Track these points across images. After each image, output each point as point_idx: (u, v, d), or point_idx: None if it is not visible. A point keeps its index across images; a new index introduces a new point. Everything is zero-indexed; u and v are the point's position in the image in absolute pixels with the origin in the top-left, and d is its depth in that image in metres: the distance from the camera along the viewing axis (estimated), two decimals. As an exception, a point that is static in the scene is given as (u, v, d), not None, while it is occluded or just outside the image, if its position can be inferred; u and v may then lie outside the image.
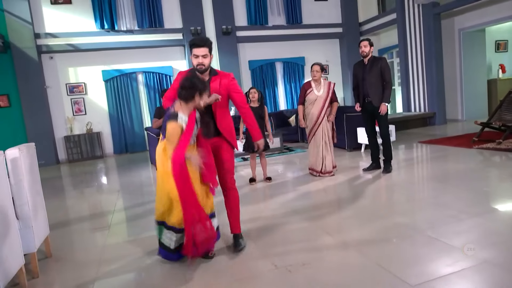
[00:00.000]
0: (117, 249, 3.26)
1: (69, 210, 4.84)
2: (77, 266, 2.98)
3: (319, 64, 4.99)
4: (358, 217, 3.45)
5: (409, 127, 9.50)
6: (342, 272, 2.44)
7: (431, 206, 3.57)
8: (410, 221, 3.24)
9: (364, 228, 3.17)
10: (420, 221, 3.22)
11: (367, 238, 2.96)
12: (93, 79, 9.82)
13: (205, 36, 2.82)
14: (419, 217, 3.36)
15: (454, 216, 3.21)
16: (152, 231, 3.33)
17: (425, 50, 9.54)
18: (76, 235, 3.84)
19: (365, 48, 4.91)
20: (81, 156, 9.57)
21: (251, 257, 2.79)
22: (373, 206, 3.75)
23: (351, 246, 2.80)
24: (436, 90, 9.47)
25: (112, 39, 9.64)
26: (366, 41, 4.92)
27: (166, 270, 2.71)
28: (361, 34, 11.98)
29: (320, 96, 4.93)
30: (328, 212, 3.68)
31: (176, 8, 10.20)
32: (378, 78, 4.90)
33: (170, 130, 2.49)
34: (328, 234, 3.08)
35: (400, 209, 3.60)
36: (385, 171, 5.00)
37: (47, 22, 9.26)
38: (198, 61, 2.70)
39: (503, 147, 5.70)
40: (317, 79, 4.97)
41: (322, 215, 3.59)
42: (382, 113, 4.87)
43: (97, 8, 9.44)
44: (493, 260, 2.38)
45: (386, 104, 4.88)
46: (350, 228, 3.20)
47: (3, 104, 9.09)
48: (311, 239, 3.03)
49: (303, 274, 2.43)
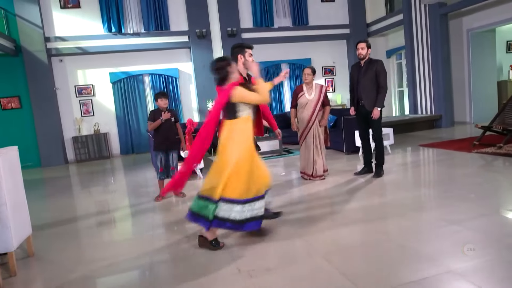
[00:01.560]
0: (102, 249, 3.35)
1: (66, 210, 4.98)
2: (57, 265, 3.08)
3: (310, 68, 4.98)
4: (334, 222, 3.43)
5: (415, 130, 9.34)
6: (306, 280, 2.44)
7: (411, 212, 3.52)
8: (384, 227, 3.21)
9: (337, 233, 3.16)
10: (396, 228, 3.19)
11: (338, 244, 2.95)
12: (101, 81, 10.06)
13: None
14: (395, 223, 3.31)
15: (432, 223, 3.16)
16: (150, 230, 3.42)
17: (432, 51, 9.36)
18: (66, 234, 3.94)
19: (362, 50, 4.84)
20: (88, 157, 9.82)
21: (216, 259, 2.82)
22: (351, 211, 3.72)
23: (319, 253, 2.80)
24: (443, 92, 9.27)
25: (119, 42, 9.85)
26: (363, 43, 4.85)
27: (156, 271, 2.78)
28: (369, 35, 11.85)
29: (311, 99, 4.92)
30: (306, 217, 3.66)
31: (182, 11, 10.33)
32: (372, 81, 4.83)
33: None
34: (300, 239, 3.08)
35: (379, 215, 3.56)
36: (376, 176, 4.94)
37: (57, 26, 9.55)
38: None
39: (502, 152, 5.55)
40: (308, 83, 4.97)
41: (299, 219, 3.59)
42: (374, 117, 4.80)
43: (105, 11, 9.67)
44: (457, 270, 2.34)
45: (379, 109, 4.79)
46: (323, 233, 3.18)
47: (14, 106, 9.42)
48: (283, 244, 3.04)
49: (262, 280, 2.45)
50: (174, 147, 4.82)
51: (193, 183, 5.80)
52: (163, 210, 4.43)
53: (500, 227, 2.98)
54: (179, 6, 10.31)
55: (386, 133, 6.56)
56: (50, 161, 9.49)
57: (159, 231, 3.76)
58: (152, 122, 4.60)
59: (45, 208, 5.18)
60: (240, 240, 3.18)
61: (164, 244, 3.30)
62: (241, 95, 2.94)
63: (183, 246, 3.18)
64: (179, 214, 4.12)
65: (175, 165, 4.84)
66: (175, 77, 10.52)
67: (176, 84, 10.55)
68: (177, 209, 4.43)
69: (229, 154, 2.92)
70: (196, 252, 3.01)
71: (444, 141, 7.24)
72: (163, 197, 4.85)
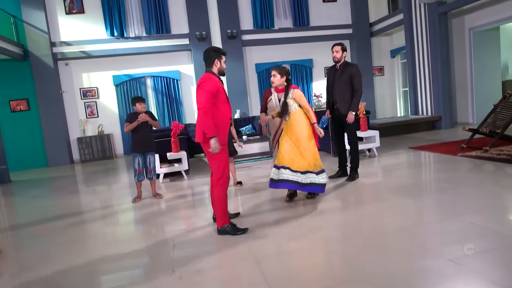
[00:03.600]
0: (70, 249, 3.54)
1: (50, 209, 5.22)
2: (18, 262, 3.28)
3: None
4: (288, 226, 3.48)
5: (413, 131, 9.19)
6: (228, 283, 2.53)
7: (366, 218, 3.52)
8: (331, 233, 3.25)
9: (279, 239, 3.22)
10: (338, 233, 3.22)
11: (273, 250, 3.01)
12: (104, 83, 10.40)
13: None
14: (341, 228, 3.34)
15: (377, 227, 3.17)
16: (120, 229, 3.58)
17: (431, 51, 9.16)
18: (40, 233, 4.15)
19: (337, 53, 4.85)
20: (92, 157, 10.18)
21: (153, 258, 2.94)
22: (305, 217, 3.74)
23: (252, 257, 2.87)
24: (442, 93, 9.07)
25: (121, 46, 10.16)
26: (338, 46, 4.86)
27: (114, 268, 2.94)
28: (372, 35, 11.71)
29: (281, 103, 4.95)
30: (258, 220, 3.72)
31: (183, 14, 10.53)
32: (347, 85, 4.83)
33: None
34: (243, 243, 3.15)
35: (336, 221, 3.58)
36: (349, 179, 4.94)
37: (62, 31, 9.94)
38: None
39: (486, 155, 5.41)
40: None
41: (252, 221, 3.65)
42: (349, 121, 4.80)
43: (108, 16, 9.99)
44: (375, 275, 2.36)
45: (353, 113, 4.78)
46: (264, 239, 3.24)
47: (23, 108, 9.88)
48: (221, 247, 3.13)
49: (190, 281, 2.55)
50: (151, 149, 4.98)
51: (176, 184, 5.97)
52: (137, 210, 4.59)
53: (437, 236, 2.96)
54: (179, 9, 10.51)
55: (372, 135, 6.53)
56: (56, 161, 9.90)
57: (126, 230, 3.92)
58: (129, 124, 4.76)
59: (32, 208, 5.45)
60: (187, 241, 3.29)
61: (118, 245, 3.45)
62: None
63: (133, 246, 3.32)
64: (153, 214, 4.27)
65: (152, 167, 5.00)
66: (177, 79, 10.74)
67: (177, 86, 10.77)
68: (152, 210, 4.58)
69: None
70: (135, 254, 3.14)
71: (435, 144, 7.11)
72: (141, 198, 5.02)
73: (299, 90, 4.06)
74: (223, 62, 3.45)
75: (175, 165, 6.30)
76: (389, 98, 12.39)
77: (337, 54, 4.83)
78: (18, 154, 9.83)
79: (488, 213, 3.27)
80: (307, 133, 4.02)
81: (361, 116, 6.54)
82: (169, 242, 3.33)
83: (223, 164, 3.36)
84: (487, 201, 3.60)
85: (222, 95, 3.35)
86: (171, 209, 4.57)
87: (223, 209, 3.36)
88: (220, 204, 3.35)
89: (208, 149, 3.31)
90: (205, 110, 3.19)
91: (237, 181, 5.37)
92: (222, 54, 3.46)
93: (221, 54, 3.45)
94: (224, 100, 3.37)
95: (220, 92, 3.32)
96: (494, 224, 3.00)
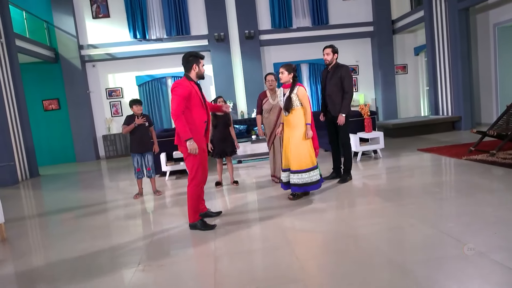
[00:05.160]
0: (60, 241, 3.88)
1: (65, 201, 5.66)
2: (20, 249, 3.64)
3: (273, 74, 5.09)
4: (261, 226, 3.59)
5: (431, 132, 8.89)
6: (179, 278, 2.70)
7: (339, 221, 3.56)
8: (298, 235, 3.32)
9: (249, 237, 3.34)
10: (304, 235, 3.29)
11: (235, 248, 3.14)
12: (128, 84, 10.93)
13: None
14: (310, 231, 3.40)
15: (346, 230, 3.21)
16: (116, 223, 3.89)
17: (451, 49, 8.80)
18: (46, 224, 4.55)
19: (327, 56, 4.89)
20: (116, 153, 10.75)
21: (126, 252, 3.17)
22: (284, 216, 3.82)
23: (217, 253, 3.02)
24: (462, 92, 8.70)
25: (144, 48, 10.63)
26: (328, 48, 4.88)
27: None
28: (395, 32, 11.41)
29: (275, 105, 5.04)
30: (237, 218, 3.86)
31: (202, 15, 10.81)
32: (337, 87, 4.84)
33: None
34: (212, 241, 3.31)
35: (309, 223, 3.64)
36: (341, 181, 4.94)
37: (89, 35, 10.56)
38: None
39: (490, 159, 5.20)
40: (272, 89, 5.09)
41: (229, 223, 3.80)
42: (339, 123, 4.81)
43: (131, 19, 10.48)
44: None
45: (344, 115, 4.78)
46: (236, 235, 3.38)
47: (54, 107, 10.63)
48: (192, 244, 3.30)
49: (150, 274, 2.75)
50: (148, 149, 5.26)
51: (180, 182, 6.23)
52: (133, 205, 4.88)
53: (398, 242, 2.95)
54: (199, 11, 10.80)
55: (375, 137, 6.44)
56: (83, 157, 10.57)
57: (115, 224, 4.21)
58: (127, 126, 5.06)
59: (48, 200, 5.93)
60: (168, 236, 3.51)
61: (112, 238, 3.73)
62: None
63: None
64: (147, 211, 4.54)
65: (150, 166, 5.28)
66: (196, 79, 11.04)
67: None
68: (148, 206, 4.86)
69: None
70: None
71: (446, 146, 6.87)
72: (142, 195, 5.33)
73: (304, 89, 4.20)
74: (201, 66, 3.61)
75: (181, 163, 6.56)
76: (413, 97, 12.01)
77: (327, 56, 4.85)
78: (50, 150, 10.62)
79: (464, 220, 3.21)
80: (302, 131, 4.12)
81: (365, 117, 6.47)
82: (148, 238, 3.56)
83: (196, 166, 3.53)
84: (468, 208, 3.51)
85: (196, 99, 3.50)
86: (164, 206, 4.82)
87: (194, 207, 3.58)
88: (191, 202, 3.56)
89: (183, 151, 3.50)
90: (177, 114, 3.38)
91: (234, 180, 5.53)
92: (200, 58, 3.62)
93: (199, 58, 3.60)
94: (198, 104, 3.52)
95: (193, 96, 3.47)
96: (466, 235, 2.95)
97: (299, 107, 4.14)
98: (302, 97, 4.12)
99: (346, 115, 4.78)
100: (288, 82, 4.18)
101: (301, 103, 4.13)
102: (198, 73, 3.58)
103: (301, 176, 4.10)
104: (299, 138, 4.11)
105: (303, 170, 4.09)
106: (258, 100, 5.20)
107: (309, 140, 4.15)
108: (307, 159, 4.13)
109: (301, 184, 4.11)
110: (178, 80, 3.53)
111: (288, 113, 4.16)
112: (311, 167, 4.13)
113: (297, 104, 4.13)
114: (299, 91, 4.13)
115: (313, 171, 4.15)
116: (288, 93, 4.16)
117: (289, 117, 4.17)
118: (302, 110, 4.14)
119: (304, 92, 4.14)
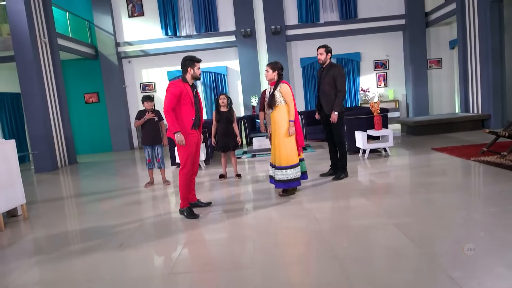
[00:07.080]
0: (69, 220, 4.41)
1: (89, 187, 6.30)
2: (40, 227, 4.21)
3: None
4: (240, 218, 3.84)
5: (457, 130, 8.52)
6: (143, 259, 3.05)
7: (315, 216, 3.71)
8: (266, 227, 3.54)
9: (221, 227, 3.61)
10: (272, 227, 3.49)
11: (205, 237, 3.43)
12: (160, 78, 11.56)
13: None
14: (281, 224, 3.59)
15: (316, 225, 3.38)
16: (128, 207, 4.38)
17: (481, 44, 8.35)
18: (66, 206, 5.15)
19: (321, 55, 4.98)
20: (148, 144, 11.45)
21: (115, 233, 3.57)
22: (263, 209, 4.02)
23: (189, 240, 3.33)
24: (493, 89, 8.24)
25: (175, 44, 11.17)
26: (322, 48, 4.97)
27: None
28: (428, 25, 10.96)
29: (275, 100, 5.21)
30: (223, 209, 4.14)
31: (230, 12, 11.12)
32: (330, 86, 4.91)
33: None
34: (196, 229, 3.62)
35: (283, 217, 3.82)
36: (335, 178, 5.03)
37: (125, 33, 11.30)
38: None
39: (497, 161, 5.00)
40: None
41: (219, 211, 4.08)
42: (332, 121, 4.89)
43: (163, 17, 11.05)
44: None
45: (336, 113, 4.85)
46: (214, 225, 3.66)
47: (94, 100, 11.54)
48: (176, 231, 3.64)
49: (125, 254, 3.12)
50: (158, 142, 5.68)
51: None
52: (142, 193, 5.35)
53: (354, 238, 3.07)
54: (227, 7, 11.12)
55: (385, 134, 6.39)
56: (119, 147, 11.41)
57: (119, 209, 4.67)
58: (138, 121, 5.52)
59: (75, 185, 6.61)
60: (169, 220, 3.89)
61: (122, 220, 4.20)
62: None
63: (114, 224, 4.01)
64: (152, 198, 4.99)
65: (160, 157, 5.71)
66: (224, 74, 11.43)
67: (224, 81, 11.47)
68: (154, 194, 5.30)
69: None
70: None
71: (463, 145, 6.62)
72: (152, 184, 5.80)
73: (288, 86, 4.31)
74: (197, 69, 3.96)
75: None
76: (447, 93, 11.50)
77: (321, 56, 4.94)
78: (90, 140, 11.58)
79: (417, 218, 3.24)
80: (285, 128, 4.27)
81: (375, 114, 6.43)
82: (139, 222, 3.96)
83: (186, 156, 3.89)
84: (445, 212, 3.52)
85: (186, 98, 3.84)
86: (169, 195, 5.22)
87: (184, 193, 3.94)
88: (182, 189, 3.93)
89: (176, 143, 3.88)
90: (167, 110, 3.76)
91: (237, 173, 5.81)
92: (196, 62, 3.96)
93: (194, 62, 3.95)
94: (188, 103, 3.86)
95: (184, 95, 3.82)
96: (414, 233, 3.01)
97: (283, 104, 4.25)
98: (285, 94, 4.22)
99: (339, 113, 4.85)
100: (272, 80, 4.34)
101: (285, 100, 4.27)
102: (193, 75, 3.94)
103: (285, 172, 4.27)
104: (283, 135, 4.26)
105: (288, 166, 4.26)
106: (261, 97, 5.42)
107: (292, 137, 4.29)
108: (293, 156, 4.28)
109: (286, 180, 4.28)
110: (173, 81, 3.89)
111: (272, 110, 4.33)
112: (296, 163, 4.29)
113: (281, 101, 4.25)
114: (282, 88, 4.24)
115: (297, 167, 4.31)
116: (272, 90, 4.33)
117: (273, 114, 4.34)
118: (286, 107, 4.28)
119: (288, 89, 4.24)
